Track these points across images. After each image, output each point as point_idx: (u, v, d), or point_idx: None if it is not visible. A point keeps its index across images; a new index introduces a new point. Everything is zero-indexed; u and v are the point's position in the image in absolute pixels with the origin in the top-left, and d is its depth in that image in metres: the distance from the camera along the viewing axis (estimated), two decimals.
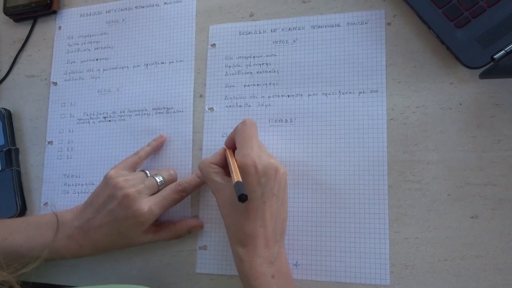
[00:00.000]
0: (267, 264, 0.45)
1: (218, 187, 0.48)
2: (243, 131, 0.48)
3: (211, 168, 0.49)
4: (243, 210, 0.45)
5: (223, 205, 0.47)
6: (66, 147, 0.62)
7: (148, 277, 0.56)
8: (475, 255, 0.46)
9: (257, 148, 0.46)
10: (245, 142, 0.47)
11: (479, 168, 0.47)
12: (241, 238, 0.46)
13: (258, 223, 0.45)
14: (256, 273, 0.44)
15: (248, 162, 0.44)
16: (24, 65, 0.67)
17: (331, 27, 0.54)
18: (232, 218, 0.46)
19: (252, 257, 0.45)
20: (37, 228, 0.55)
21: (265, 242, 0.45)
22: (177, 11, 0.61)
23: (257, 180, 0.44)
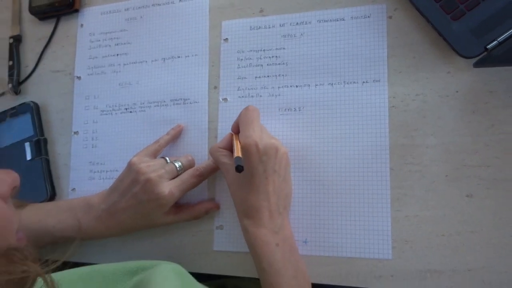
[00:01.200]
0: (271, 234, 0.49)
1: (226, 168, 0.52)
2: (245, 115, 0.53)
3: (219, 152, 0.54)
4: (248, 185, 0.50)
5: (231, 183, 0.52)
6: (91, 137, 0.67)
7: (169, 256, 0.60)
8: (470, 231, 0.50)
9: (258, 130, 0.51)
10: (247, 125, 0.51)
11: (474, 151, 0.51)
12: (246, 211, 0.50)
13: (261, 197, 0.50)
14: (261, 242, 0.49)
15: (250, 142, 0.49)
16: (49, 61, 0.72)
17: (336, 21, 0.58)
18: (239, 193, 0.51)
19: (257, 227, 0.50)
20: (67, 211, 0.60)
21: (268, 214, 0.50)
22: (191, 8, 0.65)
23: (258, 158, 0.49)
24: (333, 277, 0.54)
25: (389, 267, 0.52)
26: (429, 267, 0.51)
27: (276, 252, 0.49)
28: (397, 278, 0.52)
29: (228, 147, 0.54)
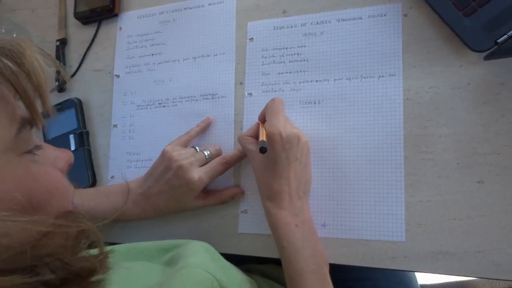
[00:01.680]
0: (291, 216, 0.54)
1: (252, 154, 0.57)
2: (271, 106, 0.57)
3: (246, 140, 0.59)
4: (272, 171, 0.54)
5: (256, 169, 0.57)
6: (128, 129, 0.73)
7: (198, 237, 0.65)
8: (480, 215, 0.53)
9: (283, 120, 0.55)
10: (273, 115, 0.55)
11: (485, 139, 0.54)
12: (269, 194, 0.55)
13: (283, 182, 0.54)
14: (281, 223, 0.53)
15: (274, 131, 0.53)
16: (91, 61, 0.78)
17: (354, 20, 0.62)
18: (263, 178, 0.56)
19: (278, 209, 0.54)
20: (107, 195, 0.66)
21: (289, 198, 0.54)
22: (219, 11, 0.70)
23: (282, 146, 0.53)
24: (349, 258, 0.57)
25: (403, 249, 0.55)
26: (441, 249, 0.54)
27: (296, 232, 0.54)
28: (410, 259, 0.55)
29: (254, 135, 0.59)
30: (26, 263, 0.31)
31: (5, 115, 0.33)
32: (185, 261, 0.48)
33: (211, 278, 0.46)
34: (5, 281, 0.30)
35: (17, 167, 0.33)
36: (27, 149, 0.35)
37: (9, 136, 0.33)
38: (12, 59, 0.33)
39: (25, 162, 0.34)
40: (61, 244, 0.35)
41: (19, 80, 0.33)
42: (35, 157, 0.36)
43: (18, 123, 0.34)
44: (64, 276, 0.34)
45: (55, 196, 0.37)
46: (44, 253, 0.32)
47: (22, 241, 0.32)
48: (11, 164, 0.33)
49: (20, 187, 0.33)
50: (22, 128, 0.34)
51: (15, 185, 0.33)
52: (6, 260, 0.31)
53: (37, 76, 0.34)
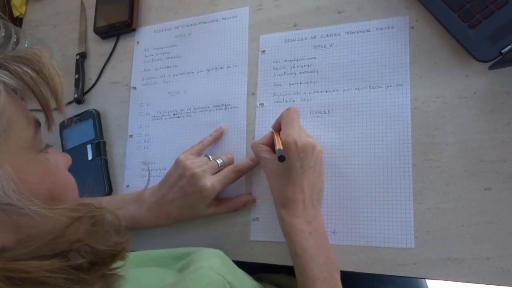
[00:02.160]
0: (305, 223, 0.55)
1: (266, 162, 0.58)
2: (287, 115, 0.58)
3: (260, 147, 0.60)
4: (286, 178, 0.55)
5: (270, 176, 0.58)
6: (143, 139, 0.75)
7: (210, 245, 0.66)
8: (488, 221, 0.54)
9: (298, 129, 0.57)
10: (288, 124, 0.57)
11: (492, 147, 0.55)
12: (283, 202, 0.56)
13: (297, 190, 0.55)
14: (295, 230, 0.55)
15: (290, 139, 0.55)
16: (109, 74, 0.82)
17: (362, 33, 0.64)
18: (277, 185, 0.57)
19: (292, 216, 0.55)
20: (121, 203, 0.68)
21: (303, 205, 0.55)
22: (233, 25, 0.73)
23: (297, 155, 0.55)
24: (359, 265, 0.58)
25: (412, 256, 0.56)
26: (450, 255, 0.54)
27: (309, 239, 0.55)
28: (420, 266, 0.55)
29: (268, 143, 0.60)
30: (59, 249, 0.35)
31: (24, 117, 0.36)
32: (197, 264, 0.50)
33: (223, 281, 0.48)
34: (48, 265, 0.33)
35: (37, 163, 0.37)
36: (42, 149, 0.38)
37: (29, 136, 0.36)
38: (30, 66, 0.36)
39: (42, 159, 0.38)
40: (88, 230, 0.38)
41: (38, 85, 0.36)
42: (48, 155, 0.39)
43: (34, 124, 0.37)
44: (92, 260, 0.37)
45: (69, 190, 0.40)
46: (73, 239, 0.36)
47: (53, 229, 0.35)
48: (33, 161, 0.36)
49: (44, 181, 0.36)
50: (37, 129, 0.37)
51: (39, 179, 0.36)
52: (42, 246, 0.34)
53: (54, 81, 0.38)
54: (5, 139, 0.33)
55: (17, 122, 0.35)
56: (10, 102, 0.34)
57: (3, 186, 0.32)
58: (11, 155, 0.33)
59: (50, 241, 0.34)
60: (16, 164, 0.33)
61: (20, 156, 0.35)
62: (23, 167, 0.34)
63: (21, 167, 0.34)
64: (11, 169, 0.33)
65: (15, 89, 0.36)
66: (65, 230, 0.35)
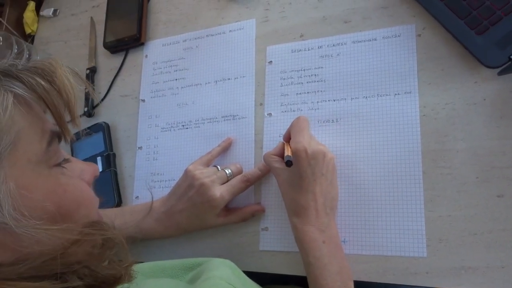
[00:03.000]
0: (318, 232, 0.54)
1: (278, 172, 0.58)
2: (297, 124, 0.59)
3: (272, 158, 0.60)
4: (298, 186, 0.55)
5: (282, 185, 0.58)
6: (152, 151, 0.76)
7: (219, 255, 0.66)
8: (501, 228, 0.53)
9: (308, 137, 0.56)
10: (298, 132, 0.57)
11: (502, 153, 0.54)
12: (296, 210, 0.56)
13: (309, 197, 0.55)
14: (308, 238, 0.54)
15: (300, 147, 0.54)
16: (119, 87, 0.83)
17: (369, 41, 0.64)
18: (289, 194, 0.57)
19: (305, 225, 0.55)
20: (131, 214, 0.68)
21: (315, 213, 0.55)
22: (240, 37, 0.74)
23: (307, 162, 0.54)
24: (370, 274, 0.57)
25: (424, 265, 0.55)
26: (463, 264, 0.53)
27: (323, 248, 0.54)
28: (432, 275, 0.54)
29: (279, 154, 0.60)
30: (55, 270, 0.33)
31: (37, 130, 0.35)
32: (208, 274, 0.49)
33: None
34: (36, 287, 0.32)
35: (47, 178, 0.36)
36: (57, 162, 0.37)
37: (41, 150, 0.35)
38: (43, 77, 0.35)
39: (55, 174, 0.37)
40: (89, 252, 0.37)
41: (50, 96, 0.35)
42: (64, 170, 0.38)
43: (48, 136, 0.36)
44: (91, 283, 0.36)
45: (82, 206, 0.39)
46: (72, 260, 0.34)
47: (53, 249, 0.34)
48: (42, 175, 0.35)
49: (51, 198, 0.35)
50: (52, 141, 0.36)
51: (46, 195, 0.35)
52: (38, 267, 0.33)
53: (67, 92, 0.37)
54: (12, 153, 0.32)
55: (28, 135, 0.34)
56: (21, 114, 0.34)
57: (1, 203, 0.31)
58: (17, 170, 0.33)
59: (46, 261, 0.33)
60: (22, 180, 0.33)
61: (27, 171, 0.34)
62: (29, 183, 0.34)
63: (26, 182, 0.33)
64: (15, 185, 0.32)
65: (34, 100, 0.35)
66: (64, 251, 0.34)
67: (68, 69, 0.38)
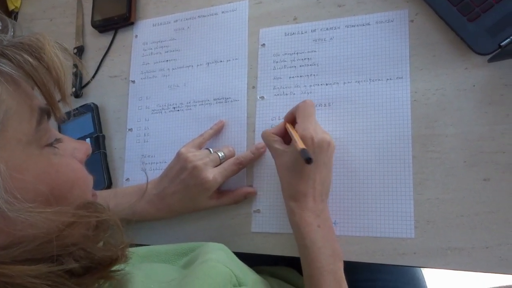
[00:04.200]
0: (314, 216, 0.55)
1: (278, 153, 0.57)
2: (304, 108, 0.57)
3: (271, 137, 0.59)
4: (298, 172, 0.55)
5: (281, 168, 0.57)
6: (143, 133, 0.75)
7: (211, 237, 0.67)
8: (487, 211, 0.54)
9: (314, 123, 0.56)
10: (306, 118, 0.56)
11: (491, 138, 0.56)
12: (294, 195, 0.56)
13: (309, 184, 0.55)
14: (305, 223, 0.55)
15: (307, 135, 0.54)
16: (108, 68, 0.81)
17: (362, 26, 0.64)
18: (288, 178, 0.56)
19: (302, 210, 0.55)
20: (123, 196, 0.68)
21: (313, 199, 0.55)
22: (232, 18, 0.73)
23: (312, 150, 0.54)
24: (360, 255, 0.59)
25: (412, 245, 0.57)
26: (450, 245, 0.55)
27: (318, 232, 0.55)
28: (420, 255, 0.56)
29: (280, 133, 0.59)
30: (51, 253, 0.33)
31: (26, 108, 0.34)
32: (205, 256, 0.50)
33: (230, 273, 0.48)
34: (32, 270, 0.32)
35: (39, 159, 0.35)
36: (48, 142, 0.37)
37: (31, 129, 0.34)
38: (31, 54, 0.34)
39: (46, 154, 0.36)
40: (84, 234, 0.37)
41: (39, 74, 0.34)
42: (56, 150, 0.38)
43: (38, 114, 0.35)
44: (87, 265, 0.35)
45: (76, 186, 0.38)
46: (68, 242, 0.34)
47: (47, 232, 0.33)
48: (34, 156, 0.34)
49: (43, 179, 0.35)
50: (41, 120, 0.36)
51: (38, 176, 0.34)
52: (32, 250, 0.33)
53: (56, 69, 0.36)
54: (0, 134, 0.32)
55: (17, 115, 0.33)
56: (8, 93, 0.33)
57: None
58: (7, 151, 0.32)
59: (41, 244, 0.33)
60: (12, 161, 0.32)
61: (18, 151, 0.33)
62: (20, 164, 0.33)
63: (17, 164, 0.33)
64: (5, 167, 0.31)
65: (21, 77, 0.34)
66: (59, 233, 0.34)
67: (56, 45, 0.37)
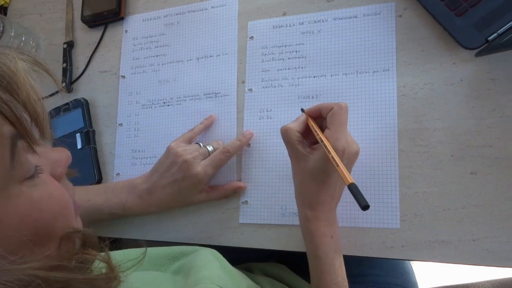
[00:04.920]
0: (328, 226, 0.54)
1: (300, 157, 0.53)
2: (339, 115, 0.52)
3: (295, 136, 0.54)
4: (321, 181, 0.52)
5: (300, 173, 0.54)
6: (133, 128, 0.75)
7: (201, 231, 0.67)
8: (474, 204, 0.55)
9: (346, 133, 0.52)
10: (339, 127, 0.51)
11: (478, 132, 0.56)
12: (312, 203, 0.54)
13: (329, 194, 0.54)
14: (320, 232, 0.54)
15: (339, 147, 0.50)
16: (98, 63, 0.81)
17: (350, 19, 0.65)
18: (308, 185, 0.54)
19: (318, 219, 0.54)
20: (113, 191, 0.68)
21: (329, 209, 0.54)
22: (222, 14, 0.73)
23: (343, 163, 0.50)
24: (349, 248, 0.59)
25: (400, 238, 0.57)
26: (437, 237, 0.56)
27: (331, 243, 0.54)
28: (408, 248, 0.57)
29: (303, 131, 0.55)
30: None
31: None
32: (198, 274, 0.47)
33: None
34: None
35: (19, 200, 0.30)
36: (27, 175, 0.32)
37: (4, 168, 0.29)
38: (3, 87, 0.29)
39: (26, 190, 0.31)
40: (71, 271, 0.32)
41: (12, 110, 0.29)
42: (36, 180, 0.32)
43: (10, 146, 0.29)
44: None
45: (60, 216, 0.34)
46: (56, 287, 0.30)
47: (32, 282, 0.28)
48: (13, 197, 0.30)
49: (26, 223, 0.30)
50: (15, 151, 0.30)
51: (20, 222, 0.30)
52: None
53: (33, 105, 0.31)
54: None
55: None
56: None
57: None
58: None
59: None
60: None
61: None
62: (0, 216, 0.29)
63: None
64: None
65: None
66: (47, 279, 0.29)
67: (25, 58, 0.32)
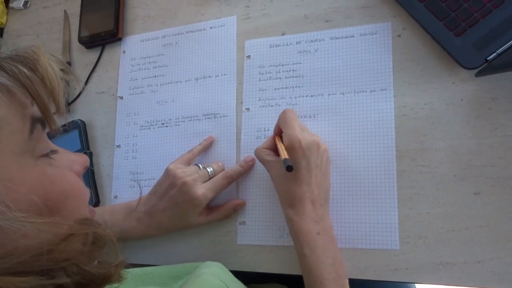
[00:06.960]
0: (313, 223, 0.54)
1: (270, 165, 0.58)
2: (284, 116, 0.58)
3: (263, 152, 0.59)
4: (293, 178, 0.55)
5: (276, 178, 0.58)
6: (131, 149, 0.74)
7: (201, 254, 0.66)
8: (478, 225, 0.54)
9: (298, 128, 0.56)
10: (287, 125, 0.56)
11: (480, 152, 0.56)
12: (290, 201, 0.55)
13: (304, 189, 0.54)
14: (303, 230, 0.54)
15: (293, 139, 0.54)
16: (95, 84, 0.81)
17: (346, 38, 0.65)
18: (284, 186, 0.56)
19: (300, 216, 0.54)
20: (111, 214, 0.67)
21: (311, 205, 0.54)
22: (221, 34, 0.73)
23: (302, 154, 0.54)
24: (353, 271, 0.58)
25: (404, 260, 0.56)
26: (441, 259, 0.55)
27: (317, 240, 0.54)
28: (412, 271, 0.56)
29: (270, 147, 0.60)
30: (42, 266, 0.32)
31: (19, 117, 0.34)
32: (199, 271, 0.50)
33: (224, 286, 0.48)
34: (22, 282, 0.30)
35: (33, 169, 0.34)
36: (43, 153, 0.36)
37: (23, 138, 0.34)
38: (26, 65, 0.34)
39: (41, 165, 0.35)
40: (78, 249, 0.35)
41: (34, 85, 0.34)
42: (51, 160, 0.37)
43: (29, 123, 0.34)
44: (79, 281, 0.34)
45: (71, 197, 0.37)
46: (61, 257, 0.33)
47: (39, 243, 0.32)
48: (27, 166, 0.34)
49: (37, 190, 0.34)
50: (34, 129, 0.35)
51: (32, 187, 0.34)
52: (24, 262, 0.32)
53: (51, 80, 0.36)
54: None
55: (10, 125, 0.33)
56: (2, 103, 0.33)
57: None
58: (0, 162, 0.32)
59: (34, 257, 0.32)
60: (6, 172, 0.32)
61: (11, 162, 0.33)
62: (14, 175, 0.32)
63: (11, 174, 0.32)
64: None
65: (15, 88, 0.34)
66: (52, 247, 0.33)
67: (52, 57, 0.37)
